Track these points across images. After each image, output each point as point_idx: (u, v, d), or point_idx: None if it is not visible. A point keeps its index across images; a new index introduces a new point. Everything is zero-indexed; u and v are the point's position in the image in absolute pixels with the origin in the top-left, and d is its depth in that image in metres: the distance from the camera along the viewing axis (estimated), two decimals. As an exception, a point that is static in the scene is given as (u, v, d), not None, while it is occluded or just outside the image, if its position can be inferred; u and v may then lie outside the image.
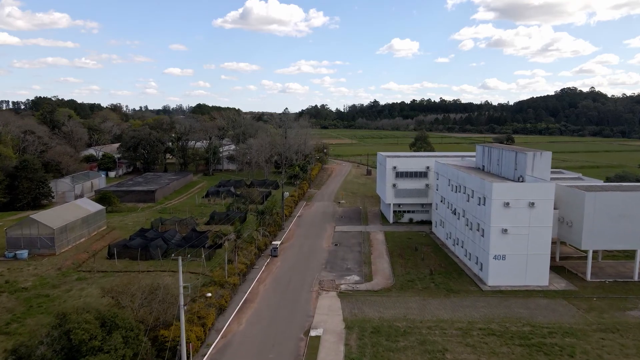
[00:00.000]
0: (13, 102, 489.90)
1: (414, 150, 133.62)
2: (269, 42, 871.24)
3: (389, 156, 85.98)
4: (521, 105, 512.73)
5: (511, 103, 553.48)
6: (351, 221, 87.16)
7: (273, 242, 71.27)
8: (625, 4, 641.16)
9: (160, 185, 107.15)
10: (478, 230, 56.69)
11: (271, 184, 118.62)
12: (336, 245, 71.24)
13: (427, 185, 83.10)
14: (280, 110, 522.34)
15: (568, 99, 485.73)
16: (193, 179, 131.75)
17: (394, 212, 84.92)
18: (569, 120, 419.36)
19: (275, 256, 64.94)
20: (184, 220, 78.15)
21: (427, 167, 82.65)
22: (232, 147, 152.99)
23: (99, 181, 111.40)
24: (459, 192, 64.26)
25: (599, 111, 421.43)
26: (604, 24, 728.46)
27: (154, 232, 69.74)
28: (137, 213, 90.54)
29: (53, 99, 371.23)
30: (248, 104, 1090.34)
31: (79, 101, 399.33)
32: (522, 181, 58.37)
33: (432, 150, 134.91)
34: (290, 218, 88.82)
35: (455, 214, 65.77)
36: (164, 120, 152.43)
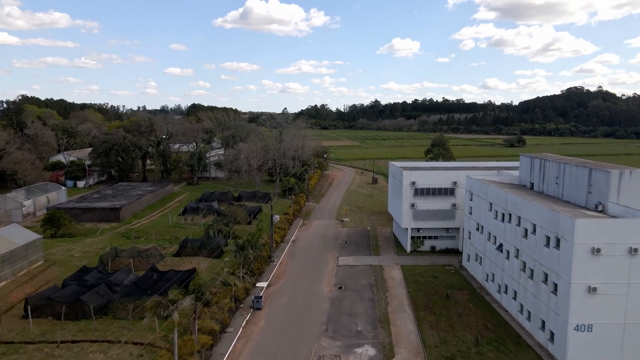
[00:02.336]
0: (7, 103, 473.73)
1: (431, 158, 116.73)
2: (270, 41, 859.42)
3: (405, 168, 68.96)
4: (527, 105, 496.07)
5: (515, 103, 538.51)
6: (358, 248, 70.14)
7: (258, 284, 54.43)
8: (626, 3, 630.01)
9: (129, 200, 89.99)
10: (545, 282, 39.68)
11: (263, 196, 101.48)
12: (340, 288, 54.19)
13: (454, 205, 66.07)
14: (279, 110, 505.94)
15: (576, 98, 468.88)
16: (174, 189, 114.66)
17: (412, 238, 67.96)
18: (579, 121, 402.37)
19: (259, 309, 47.88)
20: (146, 252, 61.05)
21: (455, 183, 65.64)
22: (221, 151, 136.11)
23: (59, 194, 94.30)
24: (508, 222, 47.27)
25: (610, 111, 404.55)
26: (605, 24, 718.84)
27: (99, 272, 52.62)
28: (93, 238, 73.40)
29: (42, 98, 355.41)
30: (248, 104, 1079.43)
31: (80, 102, 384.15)
32: (601, 210, 41.31)
33: (452, 157, 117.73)
34: (282, 244, 71.87)
35: (501, 251, 48.76)
36: (141, 122, 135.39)
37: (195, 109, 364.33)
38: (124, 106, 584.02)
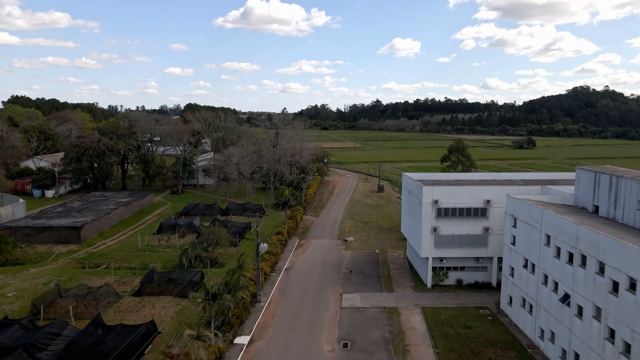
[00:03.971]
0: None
1: (447, 166, 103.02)
2: (270, 41, 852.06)
3: (424, 182, 55.77)
4: (532, 105, 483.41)
5: (517, 103, 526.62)
6: (366, 281, 56.94)
7: (236, 340, 41.31)
8: (628, 3, 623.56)
9: (96, 215, 76.81)
10: (657, 370, 26.49)
11: (254, 209, 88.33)
12: (346, 346, 40.95)
13: (486, 229, 52.89)
14: (280, 111, 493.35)
15: (583, 98, 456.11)
16: (154, 200, 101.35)
17: (434, 268, 54.78)
18: (588, 121, 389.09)
19: (234, 385, 34.73)
20: (97, 291, 47.81)
21: (488, 202, 52.44)
22: (210, 155, 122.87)
23: (15, 208, 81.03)
24: (581, 266, 34.07)
25: (620, 111, 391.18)
26: (607, 24, 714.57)
27: (22, 327, 39.26)
28: (42, 267, 60.14)
29: (33, 98, 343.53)
30: (248, 104, 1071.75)
31: (78, 102, 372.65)
32: None
33: (473, 166, 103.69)
34: (273, 274, 58.71)
35: (568, 304, 35.52)
36: (120, 123, 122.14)
37: (190, 108, 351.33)
38: (122, 106, 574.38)
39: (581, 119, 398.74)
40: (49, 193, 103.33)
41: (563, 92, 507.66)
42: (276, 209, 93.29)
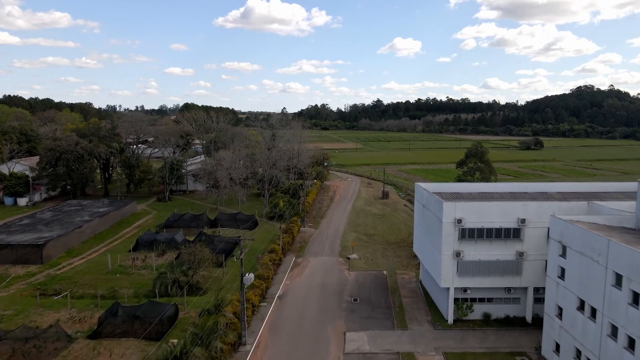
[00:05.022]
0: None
1: (464, 173, 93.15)
2: (271, 41, 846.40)
3: (443, 196, 46.60)
4: (537, 105, 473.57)
5: (518, 103, 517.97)
6: (374, 314, 47.73)
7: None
8: (629, 2, 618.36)
9: (64, 230, 67.61)
10: None
11: (246, 220, 79.23)
12: (352, 414, 31.79)
13: (519, 253, 43.70)
14: (280, 110, 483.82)
15: (588, 97, 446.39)
16: (136, 209, 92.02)
17: (456, 300, 45.60)
18: (595, 121, 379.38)
19: None
20: (43, 334, 38.61)
21: (522, 221, 43.21)
22: (201, 159, 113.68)
23: (-24, 221, 71.98)
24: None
25: (627, 111, 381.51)
26: (608, 23, 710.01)
27: None
28: (-10, 295, 51.04)
29: (33, 98, 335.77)
30: (248, 104, 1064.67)
31: (76, 102, 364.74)
32: None
33: (493, 173, 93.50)
34: (264, 303, 49.57)
35: (654, 372, 26.36)
36: (102, 124, 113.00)
37: (188, 108, 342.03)
38: (120, 105, 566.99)
39: (587, 119, 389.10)
40: (22, 201, 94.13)
41: (567, 92, 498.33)
42: (271, 220, 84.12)
